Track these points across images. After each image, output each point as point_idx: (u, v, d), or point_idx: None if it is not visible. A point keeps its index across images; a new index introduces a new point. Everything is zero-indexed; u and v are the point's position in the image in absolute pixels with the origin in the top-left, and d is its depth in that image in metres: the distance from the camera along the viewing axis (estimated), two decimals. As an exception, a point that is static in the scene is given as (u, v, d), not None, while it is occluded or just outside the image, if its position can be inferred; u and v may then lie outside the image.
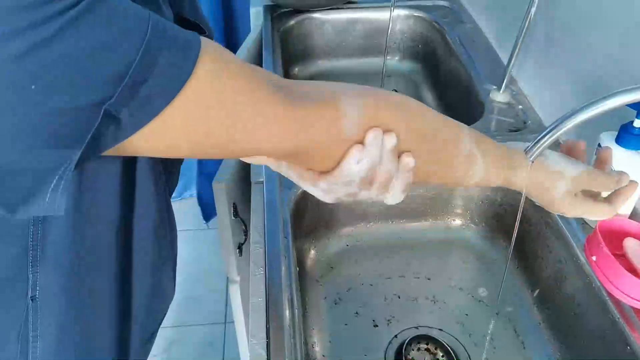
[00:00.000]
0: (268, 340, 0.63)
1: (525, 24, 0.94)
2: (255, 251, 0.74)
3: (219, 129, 0.38)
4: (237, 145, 0.40)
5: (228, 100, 0.38)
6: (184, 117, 0.36)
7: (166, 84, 0.34)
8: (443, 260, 0.93)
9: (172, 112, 0.35)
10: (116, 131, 0.34)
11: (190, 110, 0.36)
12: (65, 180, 0.34)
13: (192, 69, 0.35)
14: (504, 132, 0.95)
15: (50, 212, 0.35)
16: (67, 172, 0.33)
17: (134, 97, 0.33)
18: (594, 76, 0.83)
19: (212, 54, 0.37)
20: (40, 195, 0.34)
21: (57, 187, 0.34)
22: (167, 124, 0.35)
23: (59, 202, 0.34)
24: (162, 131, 0.36)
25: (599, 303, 0.70)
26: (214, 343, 1.69)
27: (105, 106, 0.32)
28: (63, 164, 0.33)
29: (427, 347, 0.79)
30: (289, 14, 1.35)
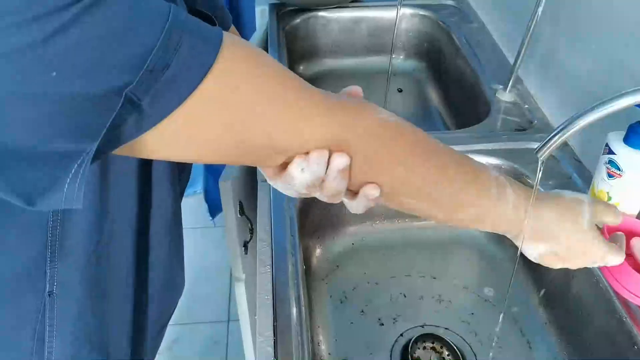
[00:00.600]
0: (275, 338, 0.63)
1: (532, 24, 0.93)
2: (261, 249, 0.75)
3: (242, 120, 0.38)
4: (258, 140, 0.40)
5: (252, 90, 0.38)
6: (206, 108, 0.36)
7: (189, 71, 0.34)
8: (449, 259, 0.93)
9: (194, 102, 0.35)
10: (138, 121, 0.33)
11: (214, 99, 0.36)
12: (83, 172, 0.33)
13: (215, 56, 0.35)
14: (510, 132, 0.95)
15: (69, 205, 0.34)
16: (86, 162, 0.33)
17: (156, 83, 0.32)
18: (601, 76, 0.83)
19: (235, 44, 0.37)
20: (58, 187, 0.33)
21: (76, 178, 0.33)
22: (187, 115, 0.35)
23: (77, 194, 0.34)
24: (183, 124, 0.35)
25: (606, 303, 0.70)
26: (217, 341, 1.69)
27: (126, 91, 0.32)
28: (82, 154, 0.33)
29: (433, 346, 0.79)
30: (294, 12, 1.35)
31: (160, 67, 0.32)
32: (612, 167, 0.71)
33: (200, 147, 0.39)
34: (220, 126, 0.38)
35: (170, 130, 0.35)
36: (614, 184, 0.72)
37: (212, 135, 0.38)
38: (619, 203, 0.73)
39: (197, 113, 0.36)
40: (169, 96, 0.34)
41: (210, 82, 0.35)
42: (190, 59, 0.34)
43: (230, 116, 0.37)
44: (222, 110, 0.37)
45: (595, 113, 0.51)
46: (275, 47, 1.21)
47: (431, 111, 1.31)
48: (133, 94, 0.32)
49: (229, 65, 0.36)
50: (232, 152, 0.41)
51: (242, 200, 0.93)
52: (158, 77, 0.32)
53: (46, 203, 0.34)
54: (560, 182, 0.84)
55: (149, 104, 0.33)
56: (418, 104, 1.35)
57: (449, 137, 0.97)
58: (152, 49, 0.32)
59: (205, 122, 0.37)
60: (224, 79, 0.36)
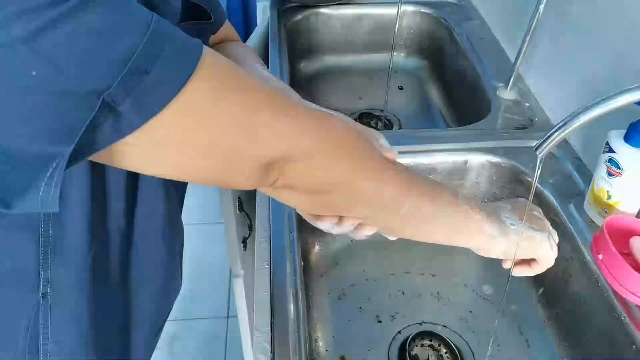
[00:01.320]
0: (273, 334, 0.63)
1: (533, 21, 0.93)
2: (260, 245, 0.74)
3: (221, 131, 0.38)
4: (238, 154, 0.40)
5: (232, 101, 0.38)
6: (186, 117, 0.35)
7: (169, 77, 0.34)
8: (448, 257, 0.93)
9: (174, 109, 0.34)
10: (115, 125, 0.33)
11: (193, 107, 0.35)
12: (59, 175, 0.33)
13: (196, 65, 0.35)
14: (511, 130, 0.95)
15: (45, 208, 0.34)
16: (61, 165, 0.33)
17: (136, 88, 0.32)
18: (602, 74, 0.83)
19: (215, 55, 0.37)
20: (34, 190, 0.33)
21: (51, 181, 0.33)
22: (167, 122, 0.35)
23: (53, 197, 0.34)
24: (162, 132, 0.35)
25: (604, 301, 0.69)
26: (216, 337, 1.69)
27: (104, 95, 0.31)
28: (58, 156, 0.32)
29: (431, 344, 0.79)
30: (295, 8, 1.35)
31: (141, 72, 0.32)
32: (612, 165, 0.71)
33: (176, 159, 0.38)
34: (199, 136, 0.37)
35: (148, 137, 0.35)
36: (614, 182, 0.71)
37: (189, 146, 0.37)
38: (619, 202, 0.72)
39: (176, 121, 0.35)
40: (149, 102, 0.33)
41: (191, 90, 0.35)
42: (171, 66, 0.34)
43: (209, 126, 0.37)
44: (201, 119, 0.36)
45: (595, 110, 0.51)
46: (277, 43, 1.21)
47: (432, 109, 1.31)
48: (111, 98, 0.32)
49: (210, 74, 0.36)
50: (210, 167, 0.40)
51: (241, 197, 0.93)
52: (138, 82, 0.32)
53: (22, 206, 0.34)
54: (560, 181, 0.84)
55: (128, 108, 0.33)
56: (419, 102, 1.35)
57: (450, 134, 0.97)
58: (133, 53, 0.32)
59: (184, 131, 0.36)
60: (204, 87, 0.36)
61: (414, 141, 0.92)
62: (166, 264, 0.62)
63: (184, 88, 0.34)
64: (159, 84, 0.33)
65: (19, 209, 0.34)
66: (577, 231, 0.76)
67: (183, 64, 0.34)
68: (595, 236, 0.70)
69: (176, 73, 0.34)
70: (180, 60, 0.34)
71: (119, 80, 0.31)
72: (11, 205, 0.34)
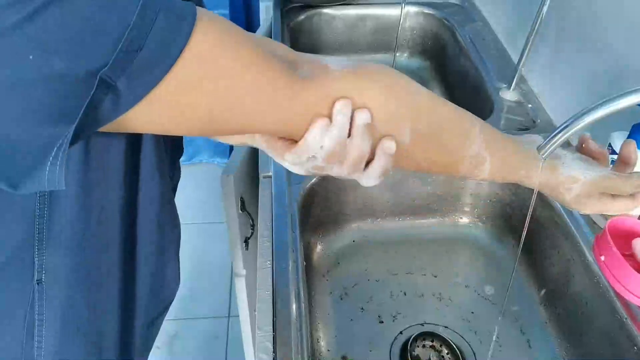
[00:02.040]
0: (274, 334, 0.63)
1: (536, 22, 0.93)
2: (262, 245, 0.75)
3: (219, 99, 0.38)
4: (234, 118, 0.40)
5: (229, 69, 0.38)
6: (182, 87, 0.36)
7: (163, 51, 0.34)
8: (450, 257, 0.93)
9: (169, 82, 0.35)
10: (115, 102, 0.34)
11: (189, 79, 0.36)
12: (63, 154, 0.34)
13: (189, 36, 0.35)
14: (514, 131, 0.95)
15: (52, 187, 0.34)
16: (65, 144, 0.33)
17: (131, 64, 0.33)
18: (605, 75, 0.83)
19: (209, 22, 0.37)
20: (40, 169, 0.34)
21: (56, 160, 0.34)
22: (165, 95, 0.35)
23: (59, 176, 0.34)
24: (160, 102, 0.36)
25: (606, 303, 0.69)
26: (218, 336, 1.70)
27: (100, 74, 0.32)
28: (61, 136, 0.33)
29: (433, 344, 0.79)
30: (299, 9, 1.35)
31: (135, 48, 0.32)
32: (614, 167, 0.71)
33: (174, 123, 0.39)
34: (195, 104, 0.38)
35: (147, 109, 0.35)
36: (617, 184, 0.71)
37: (189, 112, 0.38)
38: (621, 203, 0.72)
39: (174, 93, 0.36)
40: (145, 77, 0.34)
41: (186, 61, 0.35)
42: (165, 38, 0.34)
43: (205, 95, 0.38)
44: (196, 89, 0.37)
45: (598, 111, 0.51)
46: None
47: (434, 109, 1.30)
48: (107, 76, 0.32)
49: (203, 42, 0.36)
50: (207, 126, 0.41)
51: (244, 196, 0.93)
52: (132, 58, 0.33)
53: (29, 186, 0.34)
54: (562, 182, 0.84)
55: (125, 85, 0.33)
56: (421, 102, 1.34)
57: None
58: (127, 27, 0.32)
59: (180, 101, 0.37)
60: (198, 57, 0.36)
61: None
62: (164, 252, 0.63)
63: (177, 61, 0.34)
64: (152, 59, 0.33)
65: (26, 189, 0.34)
66: (579, 232, 0.76)
67: (176, 36, 0.34)
68: (597, 237, 0.70)
69: (169, 47, 0.34)
70: (173, 31, 0.34)
71: (113, 58, 0.32)
72: (19, 186, 0.34)
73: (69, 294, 0.52)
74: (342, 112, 0.43)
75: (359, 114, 0.44)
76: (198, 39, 0.35)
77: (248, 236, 0.97)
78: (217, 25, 0.38)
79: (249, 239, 0.97)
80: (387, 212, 0.97)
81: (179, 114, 0.38)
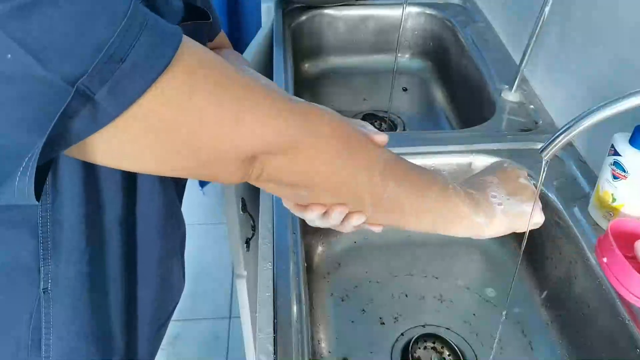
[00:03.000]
0: (275, 335, 0.63)
1: (539, 24, 0.93)
2: (263, 246, 0.74)
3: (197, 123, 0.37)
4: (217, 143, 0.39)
5: (211, 91, 0.37)
6: (165, 103, 0.34)
7: (146, 65, 0.33)
8: (451, 259, 0.93)
9: (151, 97, 0.33)
10: (93, 116, 0.32)
11: (172, 94, 0.35)
12: (33, 165, 0.32)
13: (174, 52, 0.34)
14: (515, 132, 0.95)
15: (22, 200, 0.33)
16: (35, 155, 0.32)
17: (112, 76, 0.31)
18: (607, 77, 0.83)
19: (194, 44, 0.36)
20: (10, 181, 0.33)
21: (26, 170, 0.32)
22: (144, 112, 0.34)
23: (28, 189, 0.33)
24: (140, 121, 0.34)
25: (608, 305, 0.69)
26: (219, 337, 1.69)
27: (78, 83, 0.31)
28: (32, 146, 0.32)
29: (434, 346, 0.79)
30: (300, 9, 1.35)
31: (117, 59, 0.31)
32: (617, 168, 0.71)
33: (155, 153, 0.37)
34: (176, 129, 0.36)
35: (124, 129, 0.34)
36: (619, 185, 0.71)
37: (167, 140, 0.37)
38: (623, 205, 0.72)
39: (153, 112, 0.34)
40: (124, 91, 0.32)
41: (168, 80, 0.34)
42: (149, 53, 0.33)
43: (186, 117, 0.36)
44: (177, 111, 0.35)
45: (600, 113, 0.51)
46: (281, 44, 1.21)
47: (436, 110, 1.30)
48: (86, 86, 0.31)
49: (187, 63, 0.35)
50: (190, 161, 0.39)
51: (245, 197, 0.93)
52: (114, 70, 0.31)
53: None
54: (564, 183, 0.84)
55: (104, 97, 0.32)
56: (423, 103, 1.34)
57: (454, 136, 0.97)
58: (109, 39, 0.31)
59: (161, 123, 0.35)
60: (181, 77, 0.35)
61: (418, 143, 0.91)
62: (168, 259, 0.63)
63: (161, 77, 0.33)
64: (134, 73, 0.32)
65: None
66: (581, 234, 0.76)
67: (160, 52, 0.34)
68: (599, 239, 0.70)
69: (153, 62, 0.33)
70: (158, 49, 0.33)
71: (93, 67, 0.31)
72: None
73: (75, 301, 0.52)
74: (337, 217, 0.52)
75: (355, 219, 0.52)
76: (183, 56, 0.35)
77: (249, 237, 0.97)
78: (201, 49, 0.37)
79: (250, 240, 0.97)
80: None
81: (158, 137, 0.36)
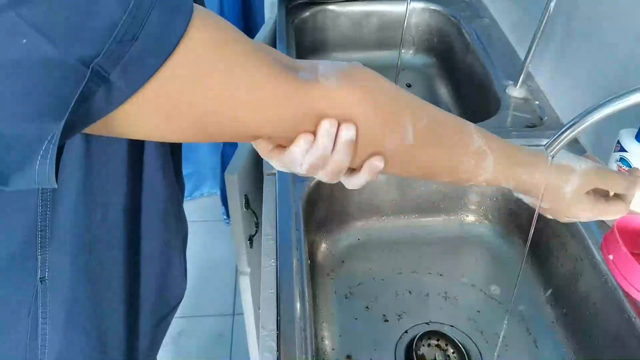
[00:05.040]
0: (279, 333, 0.63)
1: (544, 19, 0.92)
2: (266, 243, 0.74)
3: (215, 95, 0.37)
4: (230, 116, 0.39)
5: (226, 64, 0.37)
6: (178, 81, 0.35)
7: (158, 43, 0.33)
8: (456, 256, 0.92)
9: (164, 75, 0.34)
10: (108, 95, 0.32)
11: (184, 72, 0.35)
12: (53, 149, 0.32)
13: (185, 29, 0.34)
14: (520, 128, 0.94)
15: (42, 184, 0.33)
16: (56, 138, 0.32)
17: (125, 55, 0.32)
18: (613, 72, 0.82)
19: (206, 17, 0.36)
20: (30, 166, 0.32)
21: (47, 154, 0.32)
22: (159, 89, 0.34)
23: (49, 172, 0.33)
24: (154, 99, 0.34)
25: (614, 302, 0.69)
26: (222, 334, 1.69)
27: (93, 64, 0.31)
28: (52, 129, 0.32)
29: (438, 343, 0.79)
30: (303, 5, 1.34)
31: (129, 38, 0.31)
32: (623, 164, 0.70)
33: (171, 125, 0.37)
34: (191, 101, 0.36)
35: (140, 105, 0.34)
36: (625, 182, 0.70)
37: (182, 111, 0.37)
38: (629, 201, 0.71)
39: (168, 87, 0.34)
40: (139, 69, 0.33)
41: (181, 55, 0.34)
42: (160, 30, 0.33)
43: (202, 91, 0.36)
44: (192, 85, 0.36)
45: (606, 109, 0.50)
46: (284, 40, 1.20)
47: (440, 107, 1.28)
48: (100, 67, 0.31)
49: (200, 36, 0.35)
50: (196, 134, 0.39)
51: (248, 194, 0.93)
52: (126, 49, 0.31)
53: (18, 182, 0.33)
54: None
55: (118, 77, 0.32)
56: (427, 99, 1.32)
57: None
58: (121, 17, 0.31)
59: (176, 97, 0.35)
60: (194, 51, 0.35)
61: (422, 139, 0.91)
62: (169, 251, 0.62)
63: (172, 55, 0.33)
64: (146, 51, 0.32)
65: (16, 185, 0.33)
66: (587, 231, 0.75)
67: (172, 28, 0.33)
68: (605, 236, 0.69)
69: (165, 39, 0.33)
70: (169, 24, 0.33)
71: (106, 47, 0.31)
72: (8, 182, 0.33)
73: (73, 292, 0.52)
74: (328, 132, 0.43)
75: (344, 131, 0.43)
76: (194, 33, 0.34)
77: (252, 234, 0.97)
78: (213, 21, 0.37)
79: (253, 237, 0.97)
80: (393, 211, 0.96)
81: (173, 113, 0.36)
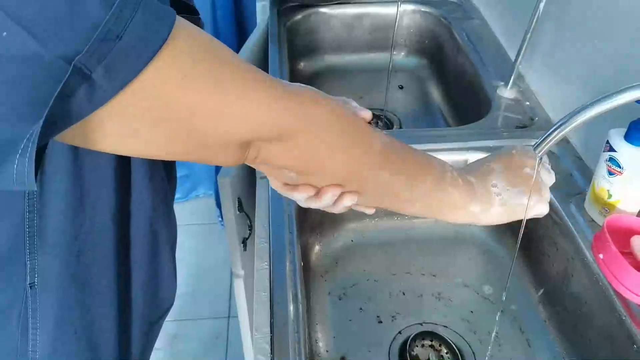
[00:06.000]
0: (272, 335, 0.63)
1: (533, 20, 0.93)
2: (260, 246, 0.74)
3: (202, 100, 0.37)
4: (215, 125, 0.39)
5: (210, 68, 0.37)
6: (161, 83, 0.34)
7: (142, 43, 0.33)
8: (449, 257, 0.93)
9: (148, 76, 0.33)
10: (90, 94, 0.32)
11: (169, 74, 0.34)
12: (32, 149, 0.31)
13: (169, 32, 0.34)
14: (511, 129, 0.95)
15: (21, 186, 0.32)
16: (35, 136, 0.31)
17: (108, 53, 0.31)
18: (603, 72, 0.82)
19: (188, 25, 0.36)
20: (8, 166, 0.32)
21: (24, 155, 0.31)
22: (143, 91, 0.34)
23: (28, 173, 0.32)
24: (136, 103, 0.34)
25: (605, 301, 0.69)
26: (218, 336, 1.69)
27: (75, 61, 0.30)
28: (31, 126, 0.31)
29: (432, 344, 0.79)
30: (295, 8, 1.34)
31: (113, 37, 0.31)
32: (612, 164, 0.71)
33: (150, 136, 0.37)
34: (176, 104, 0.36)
35: (121, 110, 0.34)
36: (615, 181, 0.71)
37: (162, 122, 0.36)
38: (619, 201, 0.72)
39: (149, 91, 0.34)
40: (122, 68, 0.32)
41: (165, 57, 0.34)
42: (144, 31, 0.32)
43: (181, 99, 0.36)
44: (177, 86, 0.35)
45: (595, 108, 0.51)
46: (276, 43, 1.20)
47: (432, 108, 1.30)
48: (82, 64, 0.31)
49: (184, 39, 0.35)
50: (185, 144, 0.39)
51: (241, 197, 0.93)
52: (110, 47, 0.31)
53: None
54: (560, 180, 0.84)
55: (101, 75, 0.31)
56: (419, 101, 1.34)
57: (450, 133, 0.96)
58: (104, 16, 0.31)
59: (160, 99, 0.35)
60: (176, 56, 0.35)
61: (414, 140, 0.91)
62: (159, 256, 0.62)
63: (156, 57, 0.33)
64: (130, 51, 0.32)
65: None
66: (577, 230, 0.76)
67: (156, 31, 0.33)
68: (595, 235, 0.70)
69: (148, 41, 0.33)
70: (153, 28, 0.33)
71: (89, 45, 0.30)
72: None
73: (63, 297, 0.52)
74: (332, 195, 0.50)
75: (347, 199, 0.51)
76: (178, 36, 0.34)
77: (246, 237, 0.97)
78: (196, 28, 0.37)
79: (246, 240, 0.97)
80: (386, 212, 0.96)
81: (156, 116, 0.36)
